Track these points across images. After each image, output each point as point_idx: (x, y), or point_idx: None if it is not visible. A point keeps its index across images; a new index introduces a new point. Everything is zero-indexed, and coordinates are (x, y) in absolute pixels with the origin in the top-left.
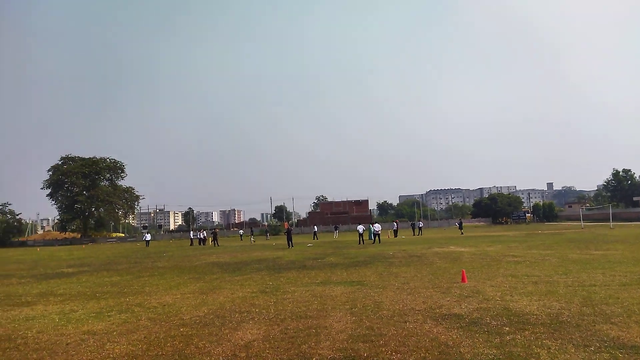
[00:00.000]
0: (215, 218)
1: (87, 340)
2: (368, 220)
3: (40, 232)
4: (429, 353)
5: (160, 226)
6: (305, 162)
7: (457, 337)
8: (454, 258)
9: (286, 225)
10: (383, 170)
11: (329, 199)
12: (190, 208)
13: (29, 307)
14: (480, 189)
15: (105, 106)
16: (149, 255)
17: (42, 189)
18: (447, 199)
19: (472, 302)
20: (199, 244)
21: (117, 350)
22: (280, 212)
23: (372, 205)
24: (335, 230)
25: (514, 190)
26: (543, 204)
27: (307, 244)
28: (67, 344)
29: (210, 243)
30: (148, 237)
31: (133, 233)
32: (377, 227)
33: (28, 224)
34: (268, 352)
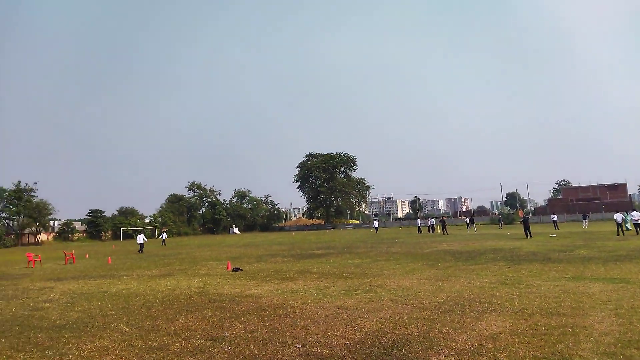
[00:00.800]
0: (441, 206)
1: (341, 314)
2: (626, 207)
3: (293, 218)
4: None
5: (389, 214)
6: (541, 142)
7: None
8: None
9: (521, 213)
10: None
11: (573, 184)
12: (416, 196)
13: (292, 282)
14: None
15: (335, 108)
16: (382, 241)
17: (293, 182)
18: None
19: None
20: (428, 231)
21: (367, 326)
22: (513, 199)
23: (633, 190)
24: (584, 219)
25: None
26: None
27: (549, 235)
28: (325, 316)
29: (439, 231)
30: (376, 224)
31: (366, 220)
32: (635, 215)
33: (284, 212)
34: (518, 347)
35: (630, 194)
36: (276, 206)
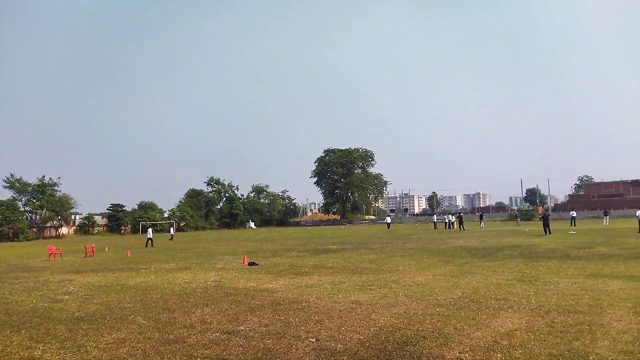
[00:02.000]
0: (459, 202)
1: (356, 309)
2: None
3: (309, 214)
4: None
5: (406, 209)
6: (564, 137)
7: None
8: None
9: (540, 209)
10: None
11: (596, 180)
12: (434, 192)
13: (307, 277)
14: None
15: (367, 103)
16: (398, 237)
17: (310, 177)
18: None
19: None
20: (445, 227)
21: (382, 321)
22: (533, 195)
23: None
24: (605, 216)
25: None
26: None
27: (569, 231)
28: (340, 310)
29: (456, 227)
30: (389, 220)
31: (382, 216)
32: None
33: (300, 207)
34: (534, 344)
35: None
36: (293, 201)
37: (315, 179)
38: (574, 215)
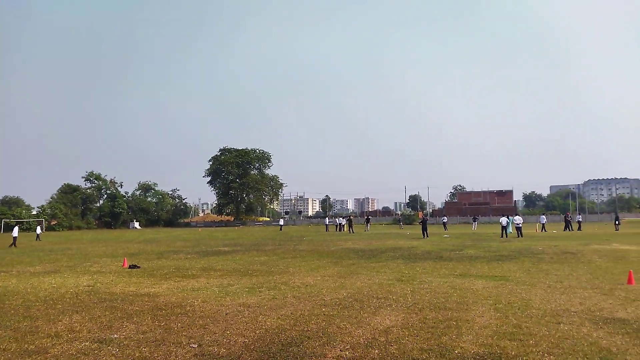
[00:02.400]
0: (350, 206)
1: (243, 311)
2: (512, 212)
3: (201, 214)
4: (587, 358)
5: (300, 212)
6: (442, 151)
7: (622, 344)
8: (617, 257)
9: (420, 214)
10: (530, 157)
11: (468, 189)
12: (327, 196)
13: (194, 279)
14: None
15: (266, 106)
16: (290, 239)
17: (203, 176)
18: (609, 190)
19: None
20: (336, 230)
21: (268, 323)
22: (415, 202)
23: (518, 197)
24: (474, 222)
25: None
26: None
27: (443, 235)
28: (226, 314)
29: (347, 229)
30: (282, 222)
31: (276, 218)
32: (518, 219)
33: (192, 207)
34: (407, 340)
35: (515, 200)
36: (183, 201)
37: (209, 178)
38: (445, 220)
